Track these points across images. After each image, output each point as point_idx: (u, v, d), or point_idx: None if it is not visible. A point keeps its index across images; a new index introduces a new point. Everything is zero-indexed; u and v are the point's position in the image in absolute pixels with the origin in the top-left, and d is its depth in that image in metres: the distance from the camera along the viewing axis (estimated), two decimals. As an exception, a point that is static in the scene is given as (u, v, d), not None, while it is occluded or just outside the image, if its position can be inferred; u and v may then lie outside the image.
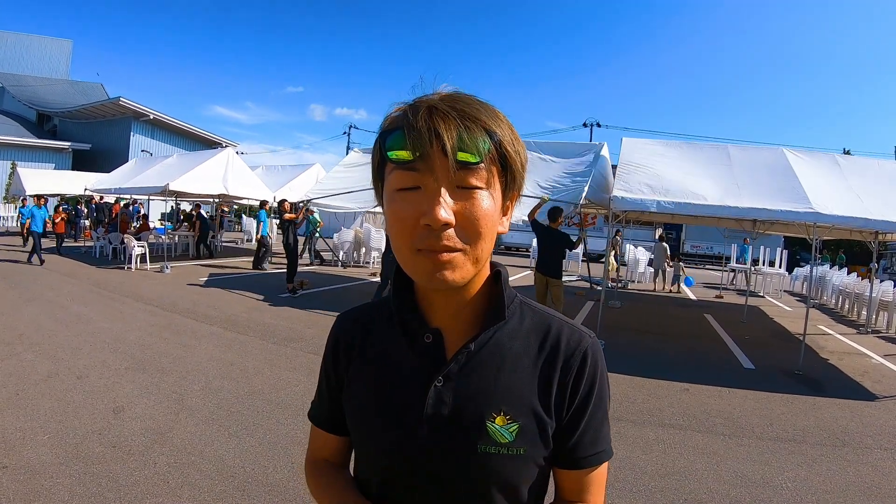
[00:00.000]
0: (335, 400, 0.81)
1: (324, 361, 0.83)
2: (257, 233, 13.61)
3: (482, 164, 0.60)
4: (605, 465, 0.75)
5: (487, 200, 0.61)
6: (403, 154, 0.59)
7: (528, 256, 20.78)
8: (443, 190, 0.59)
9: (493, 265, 0.73)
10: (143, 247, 11.68)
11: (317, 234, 14.84)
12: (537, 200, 7.05)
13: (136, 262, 11.38)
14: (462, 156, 0.58)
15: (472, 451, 0.67)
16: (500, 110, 0.65)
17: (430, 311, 0.72)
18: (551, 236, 6.73)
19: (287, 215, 9.53)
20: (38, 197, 12.66)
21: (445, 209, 0.58)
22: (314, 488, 0.82)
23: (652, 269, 14.88)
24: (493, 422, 0.67)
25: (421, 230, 0.60)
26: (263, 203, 13.35)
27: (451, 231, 0.60)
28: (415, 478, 0.69)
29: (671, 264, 14.36)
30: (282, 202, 10.01)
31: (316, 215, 14.38)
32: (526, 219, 6.88)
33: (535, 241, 7.13)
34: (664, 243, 14.32)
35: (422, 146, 0.58)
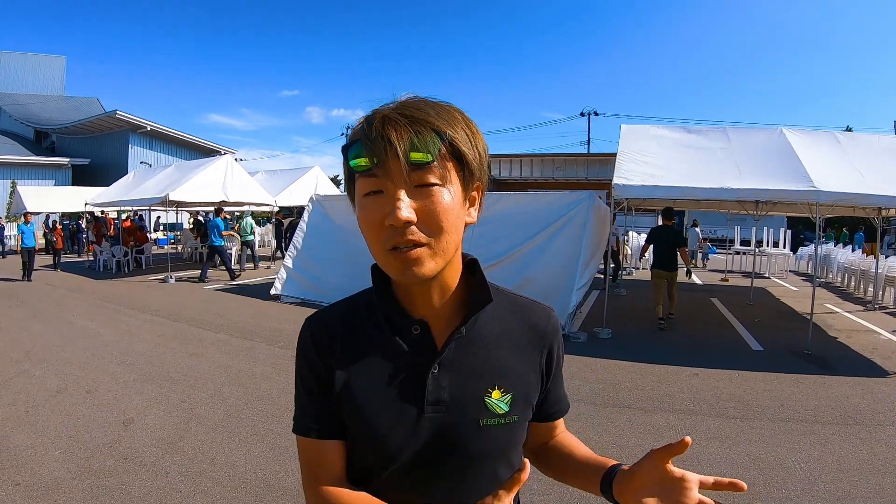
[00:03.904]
0: (326, 401, 0.76)
1: (304, 366, 0.78)
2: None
3: (435, 163, 0.65)
4: None
5: (446, 195, 0.66)
6: (363, 162, 0.65)
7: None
8: (401, 192, 0.64)
9: (465, 255, 0.79)
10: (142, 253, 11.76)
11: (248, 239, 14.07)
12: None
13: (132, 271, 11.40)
14: (414, 158, 0.63)
15: (475, 427, 0.73)
16: (458, 109, 0.70)
17: (412, 304, 0.76)
18: (665, 233, 7.54)
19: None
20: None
21: (405, 208, 0.63)
22: None
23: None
24: (491, 396, 0.75)
25: (387, 230, 0.65)
26: (218, 211, 12.62)
27: (414, 227, 0.65)
28: (416, 462, 0.73)
29: (702, 248, 16.36)
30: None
31: (247, 219, 13.89)
32: None
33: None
34: (697, 228, 16.54)
35: (377, 154, 0.63)
